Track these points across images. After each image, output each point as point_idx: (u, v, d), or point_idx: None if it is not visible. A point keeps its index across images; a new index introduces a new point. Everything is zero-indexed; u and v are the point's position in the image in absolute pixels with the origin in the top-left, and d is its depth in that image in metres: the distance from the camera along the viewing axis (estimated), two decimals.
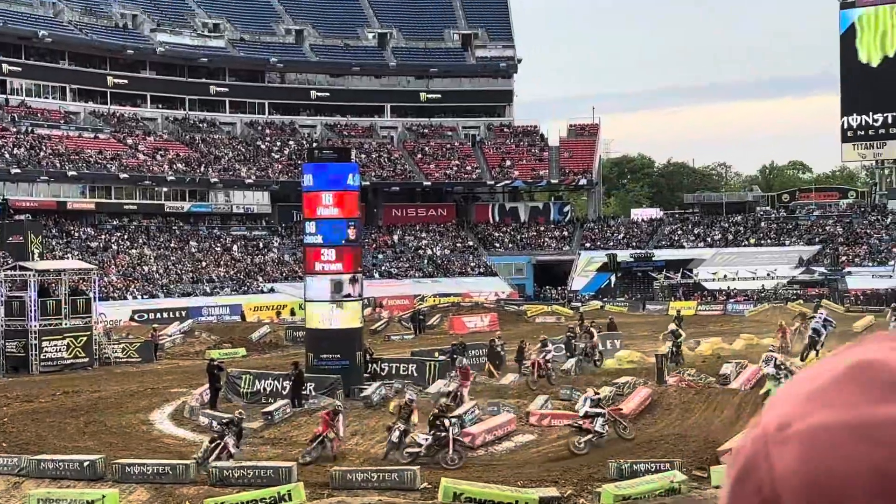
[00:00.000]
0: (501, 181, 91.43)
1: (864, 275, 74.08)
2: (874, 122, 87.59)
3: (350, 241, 32.52)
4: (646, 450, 22.94)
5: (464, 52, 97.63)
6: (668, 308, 65.93)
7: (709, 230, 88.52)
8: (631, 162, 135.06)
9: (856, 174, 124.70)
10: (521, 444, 25.02)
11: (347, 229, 32.27)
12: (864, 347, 1.09)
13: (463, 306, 66.22)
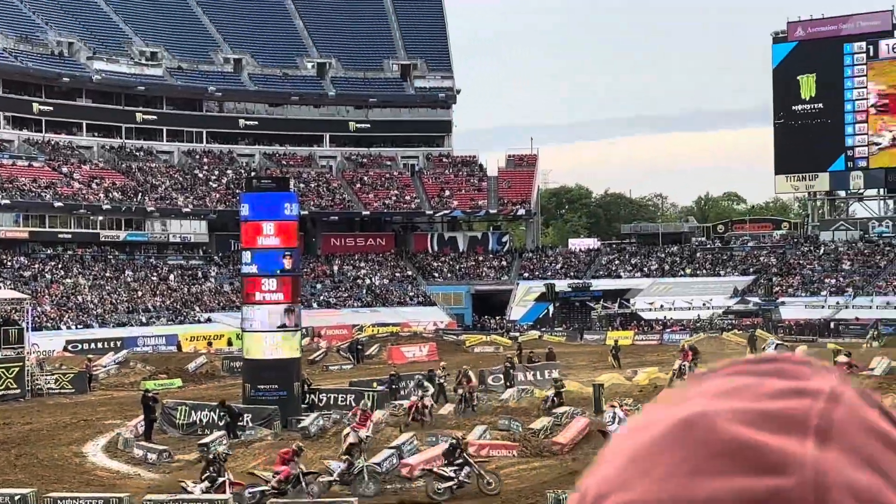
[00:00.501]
0: (440, 211, 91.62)
1: (798, 305, 75.15)
2: (806, 154, 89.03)
3: (286, 271, 32.38)
4: None
5: (403, 83, 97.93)
6: (605, 338, 66.36)
7: (645, 260, 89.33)
8: (569, 192, 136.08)
9: (789, 206, 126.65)
10: None
11: (283, 259, 32.15)
12: (695, 395, 0.97)
13: (402, 336, 66.08)
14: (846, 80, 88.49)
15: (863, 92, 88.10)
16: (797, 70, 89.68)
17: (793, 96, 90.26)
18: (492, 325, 78.27)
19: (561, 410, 29.92)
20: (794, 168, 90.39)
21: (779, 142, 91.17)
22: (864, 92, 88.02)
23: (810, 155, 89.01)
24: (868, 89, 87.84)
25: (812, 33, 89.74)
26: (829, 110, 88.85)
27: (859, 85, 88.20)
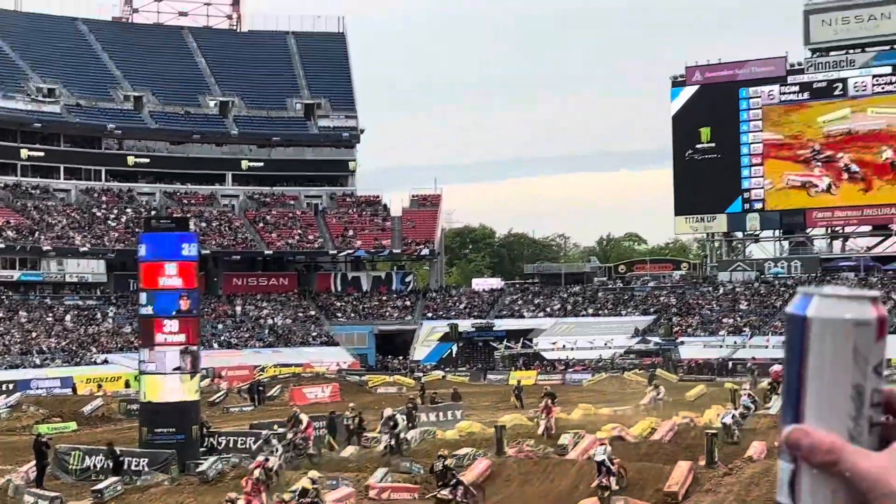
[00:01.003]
0: (344, 251, 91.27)
1: (697, 344, 76.28)
2: (705, 196, 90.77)
3: (183, 312, 31.84)
4: None
5: (307, 122, 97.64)
6: (508, 378, 66.48)
7: (548, 300, 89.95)
8: (472, 232, 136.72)
9: (688, 246, 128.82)
10: None
11: (181, 300, 31.64)
12: None
13: (304, 377, 65.41)
14: (742, 123, 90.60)
15: (758, 135, 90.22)
16: (695, 113, 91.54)
17: (691, 139, 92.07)
18: (395, 365, 77.96)
19: (462, 452, 29.78)
20: (692, 209, 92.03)
21: (678, 183, 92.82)
22: (760, 135, 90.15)
23: (708, 197, 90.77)
24: (763, 133, 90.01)
25: (709, 78, 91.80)
26: (726, 153, 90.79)
27: (755, 129, 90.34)
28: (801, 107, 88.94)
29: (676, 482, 24.19)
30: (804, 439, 1.26)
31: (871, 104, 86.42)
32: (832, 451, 1.23)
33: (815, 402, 1.28)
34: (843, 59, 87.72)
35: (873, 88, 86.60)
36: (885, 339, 1.29)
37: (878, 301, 1.31)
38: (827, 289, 1.32)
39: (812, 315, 1.29)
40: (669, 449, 29.99)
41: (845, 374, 1.28)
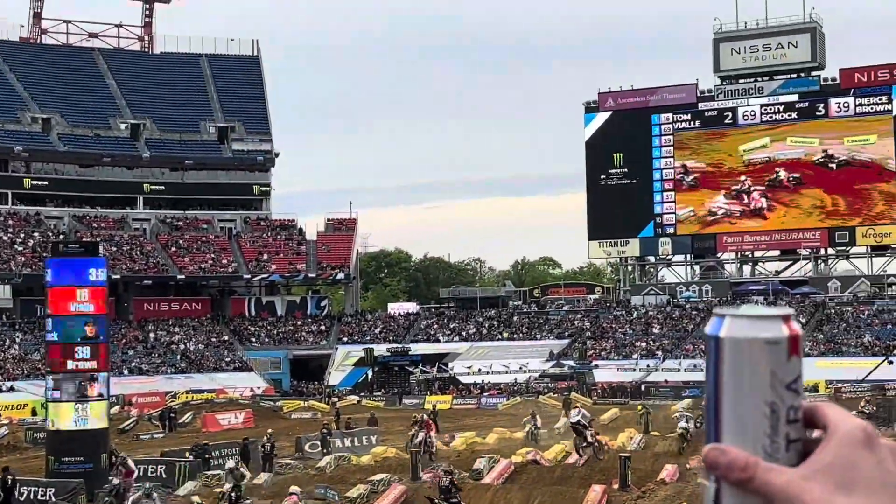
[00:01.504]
0: (258, 275, 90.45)
1: (611, 368, 76.90)
2: (618, 221, 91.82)
3: (89, 339, 31.21)
4: None
5: (220, 145, 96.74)
6: (424, 402, 66.30)
7: (464, 324, 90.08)
8: (388, 256, 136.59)
9: (602, 270, 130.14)
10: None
11: (87, 326, 31.02)
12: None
13: (217, 403, 64.59)
14: (654, 149, 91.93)
15: (670, 161, 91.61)
16: (608, 139, 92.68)
17: (605, 164, 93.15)
18: (310, 390, 77.32)
19: (377, 477, 29.55)
20: (606, 234, 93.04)
21: (592, 208, 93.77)
22: (672, 161, 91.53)
23: (621, 221, 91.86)
24: (675, 159, 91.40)
25: (622, 104, 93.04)
26: (639, 179, 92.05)
27: (666, 154, 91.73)
28: (717, 134, 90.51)
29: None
30: (721, 458, 1.28)
31: (790, 133, 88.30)
32: (746, 469, 1.25)
33: (732, 420, 1.29)
34: (752, 87, 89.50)
35: (780, 116, 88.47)
36: (800, 356, 1.30)
37: (791, 319, 1.32)
38: (741, 308, 1.32)
39: (725, 335, 1.30)
40: (583, 472, 30.08)
41: (759, 392, 1.29)
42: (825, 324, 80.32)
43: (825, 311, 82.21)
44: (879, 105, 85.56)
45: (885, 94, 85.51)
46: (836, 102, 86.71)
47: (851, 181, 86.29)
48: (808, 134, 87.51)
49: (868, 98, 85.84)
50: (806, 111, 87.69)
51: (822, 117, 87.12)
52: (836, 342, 76.49)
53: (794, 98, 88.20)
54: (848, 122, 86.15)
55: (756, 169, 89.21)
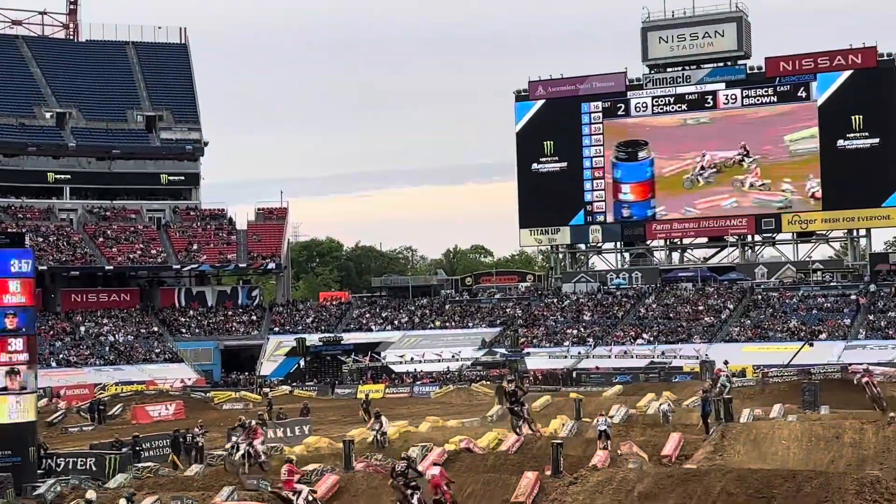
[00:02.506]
0: (188, 265, 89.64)
1: (542, 355, 77.43)
2: (549, 209, 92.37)
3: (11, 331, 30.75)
4: None
5: (148, 134, 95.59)
6: (356, 391, 66.29)
7: (396, 313, 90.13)
8: (319, 245, 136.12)
9: (533, 258, 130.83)
10: None
11: (5, 319, 30.60)
12: None
13: (147, 394, 63.98)
14: (584, 137, 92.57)
15: (600, 149, 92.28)
16: (539, 127, 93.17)
17: (535, 152, 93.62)
18: (241, 380, 76.88)
19: (310, 467, 29.45)
20: (537, 222, 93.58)
21: (523, 196, 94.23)
22: (602, 149, 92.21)
23: (552, 209, 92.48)
24: (605, 147, 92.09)
25: (552, 92, 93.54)
26: (569, 167, 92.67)
27: (596, 143, 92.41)
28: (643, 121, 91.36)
29: (523, 493, 24.42)
30: None
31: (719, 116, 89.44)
32: None
33: None
34: (680, 75, 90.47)
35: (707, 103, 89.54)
36: None
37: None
38: None
39: None
40: (516, 460, 30.26)
41: None
42: (752, 309, 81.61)
43: (752, 296, 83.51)
44: (803, 93, 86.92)
45: (808, 83, 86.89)
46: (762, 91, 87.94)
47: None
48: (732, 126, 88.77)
49: (791, 86, 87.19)
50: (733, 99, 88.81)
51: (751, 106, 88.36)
52: (762, 327, 77.74)
53: (720, 87, 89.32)
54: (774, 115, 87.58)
55: None
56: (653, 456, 30.39)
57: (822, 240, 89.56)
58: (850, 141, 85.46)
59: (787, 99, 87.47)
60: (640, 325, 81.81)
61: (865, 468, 25.78)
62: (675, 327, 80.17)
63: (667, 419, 39.13)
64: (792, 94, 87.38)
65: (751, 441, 29.32)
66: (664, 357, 73.47)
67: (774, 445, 28.84)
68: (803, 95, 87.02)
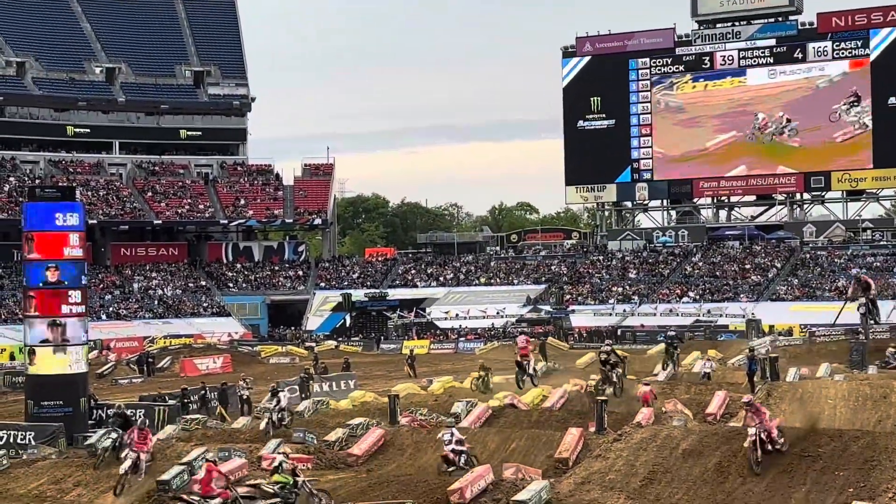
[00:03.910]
0: (235, 220, 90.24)
1: (587, 313, 77.41)
2: (595, 166, 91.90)
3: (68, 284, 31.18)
4: (379, 491, 22.92)
5: (196, 89, 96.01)
6: (401, 347, 66.69)
7: (441, 270, 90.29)
8: (365, 202, 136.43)
9: (579, 216, 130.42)
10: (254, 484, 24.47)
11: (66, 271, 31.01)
12: None
13: (195, 348, 64.78)
14: (631, 94, 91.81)
15: (647, 106, 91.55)
16: (586, 84, 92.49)
17: (582, 109, 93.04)
18: (288, 335, 77.56)
19: (356, 421, 29.75)
20: (583, 179, 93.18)
21: (569, 154, 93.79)
22: (649, 106, 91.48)
23: (598, 167, 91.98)
24: (652, 104, 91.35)
25: (599, 49, 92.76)
26: (616, 124, 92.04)
27: (644, 100, 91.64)
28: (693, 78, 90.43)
29: (567, 449, 24.52)
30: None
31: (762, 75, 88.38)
32: None
33: None
34: (730, 31, 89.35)
35: (759, 60, 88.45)
36: None
37: None
38: None
39: None
40: (560, 416, 30.36)
41: None
42: (800, 268, 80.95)
43: (800, 255, 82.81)
44: (856, 50, 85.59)
45: (861, 38, 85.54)
46: (814, 47, 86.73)
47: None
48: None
49: (845, 42, 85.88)
50: (783, 56, 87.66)
51: (800, 62, 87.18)
52: (810, 286, 77.12)
53: (771, 42, 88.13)
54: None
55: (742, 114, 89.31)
56: (697, 414, 30.39)
57: (872, 198, 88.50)
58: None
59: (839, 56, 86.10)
60: (686, 283, 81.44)
61: None
62: (720, 286, 79.72)
63: (707, 377, 39.07)
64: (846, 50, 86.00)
65: (797, 400, 29.22)
66: (710, 315, 73.20)
67: (821, 405, 28.71)
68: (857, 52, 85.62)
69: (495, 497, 21.23)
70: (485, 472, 21.96)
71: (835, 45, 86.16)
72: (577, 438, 25.01)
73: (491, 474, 22.07)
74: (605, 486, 21.66)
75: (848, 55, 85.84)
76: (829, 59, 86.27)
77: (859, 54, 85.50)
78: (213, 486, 21.37)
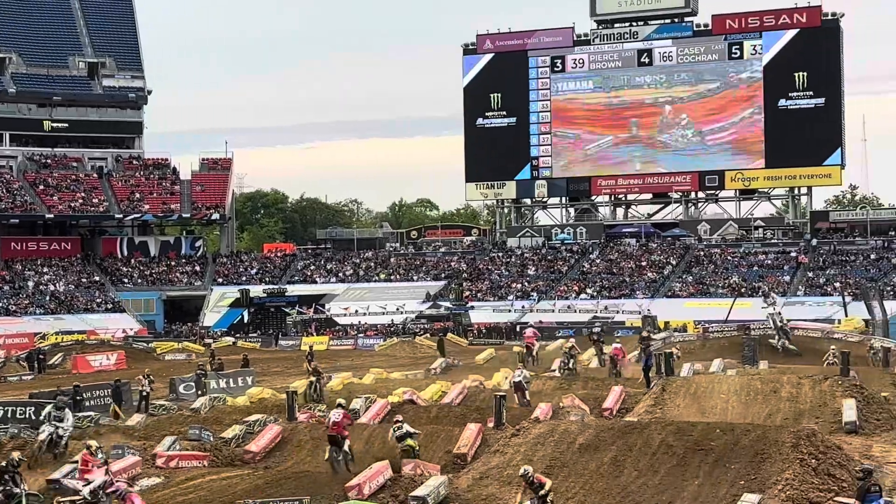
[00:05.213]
0: (130, 214, 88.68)
1: (486, 309, 77.76)
2: (495, 163, 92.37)
3: None
4: (276, 488, 22.70)
5: (90, 81, 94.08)
6: (300, 343, 66.21)
7: (341, 265, 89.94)
8: (264, 197, 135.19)
9: (479, 213, 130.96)
10: (147, 487, 24.06)
11: None
12: None
13: (88, 344, 63.43)
14: (531, 92, 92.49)
15: (547, 104, 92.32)
16: (486, 81, 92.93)
17: (483, 107, 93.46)
18: (184, 331, 76.48)
19: (253, 418, 29.43)
20: (483, 176, 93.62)
21: (469, 151, 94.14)
22: (548, 104, 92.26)
23: (498, 164, 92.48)
24: (551, 102, 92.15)
25: (500, 47, 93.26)
26: (516, 121, 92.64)
27: (543, 98, 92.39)
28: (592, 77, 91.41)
29: (465, 444, 24.58)
30: None
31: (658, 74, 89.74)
32: None
33: None
34: (627, 32, 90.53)
35: (656, 60, 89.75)
36: None
37: None
38: None
39: None
40: (459, 412, 30.42)
41: None
42: (694, 266, 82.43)
43: (694, 253, 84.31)
44: (750, 52, 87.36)
45: (755, 41, 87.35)
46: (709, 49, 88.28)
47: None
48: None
49: (739, 44, 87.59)
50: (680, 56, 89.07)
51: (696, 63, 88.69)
52: (704, 283, 78.58)
53: (668, 43, 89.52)
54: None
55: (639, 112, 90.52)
56: (594, 409, 30.69)
57: (764, 197, 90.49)
58: (794, 101, 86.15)
59: (732, 57, 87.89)
60: (584, 279, 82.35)
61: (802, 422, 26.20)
62: (618, 282, 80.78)
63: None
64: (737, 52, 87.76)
65: (690, 395, 29.67)
66: (607, 311, 74.08)
67: (714, 399, 29.19)
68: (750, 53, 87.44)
69: (394, 493, 21.17)
70: (383, 469, 21.88)
71: (729, 47, 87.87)
72: (476, 434, 25.08)
73: (389, 470, 22.01)
74: (503, 481, 21.74)
75: (741, 57, 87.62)
76: (724, 60, 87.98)
77: (752, 56, 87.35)
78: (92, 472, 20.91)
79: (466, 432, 25.13)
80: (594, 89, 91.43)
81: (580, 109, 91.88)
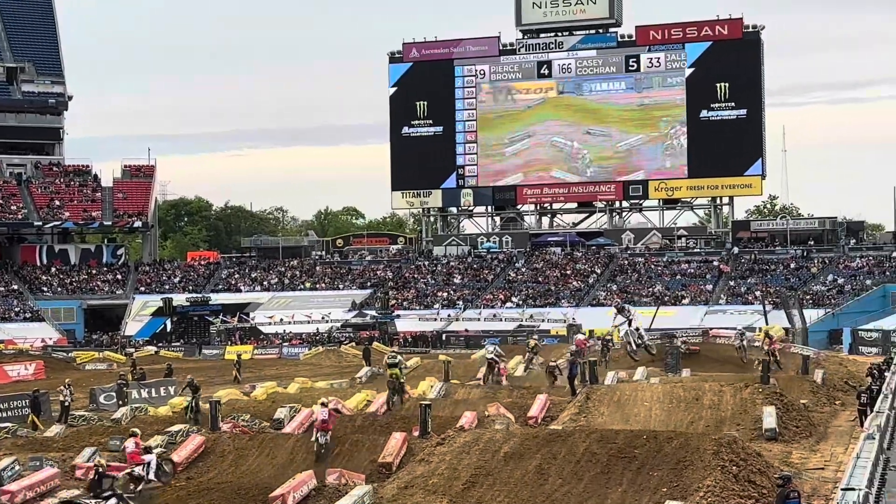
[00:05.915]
0: (50, 222, 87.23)
1: (412, 317, 77.72)
2: (421, 172, 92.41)
3: None
4: (198, 499, 22.40)
5: (9, 87, 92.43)
6: (224, 353, 65.59)
7: (266, 274, 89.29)
8: (188, 204, 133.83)
9: (405, 221, 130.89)
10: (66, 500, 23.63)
11: None
12: None
13: (5, 354, 62.24)
14: (457, 101, 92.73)
15: (473, 113, 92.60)
16: (412, 90, 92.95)
17: (408, 115, 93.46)
18: (105, 341, 75.34)
19: (175, 428, 29.04)
20: (409, 185, 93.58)
21: (395, 159, 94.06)
22: (474, 113, 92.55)
23: (424, 173, 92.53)
24: (477, 111, 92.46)
25: (426, 55, 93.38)
26: (442, 130, 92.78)
27: (469, 106, 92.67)
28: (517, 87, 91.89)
29: (391, 453, 24.50)
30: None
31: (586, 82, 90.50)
32: None
33: None
34: (553, 42, 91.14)
35: (579, 70, 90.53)
36: None
37: None
38: None
39: None
40: (384, 421, 30.32)
41: None
42: (618, 274, 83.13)
43: (619, 261, 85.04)
44: (673, 63, 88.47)
45: (677, 52, 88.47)
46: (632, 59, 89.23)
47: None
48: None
49: (662, 55, 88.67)
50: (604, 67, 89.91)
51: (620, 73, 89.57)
52: (628, 292, 79.27)
53: (592, 53, 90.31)
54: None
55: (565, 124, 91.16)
56: (519, 417, 30.79)
57: (687, 207, 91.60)
58: (716, 112, 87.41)
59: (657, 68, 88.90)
60: (510, 288, 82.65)
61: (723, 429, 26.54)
62: (543, 291, 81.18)
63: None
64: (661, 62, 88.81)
65: (615, 403, 29.91)
66: (532, 320, 74.41)
67: (637, 407, 29.46)
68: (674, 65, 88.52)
69: (318, 503, 21.01)
70: (307, 479, 21.72)
71: (652, 58, 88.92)
72: (401, 442, 25.01)
73: (314, 479, 21.85)
74: (428, 490, 21.69)
75: (664, 68, 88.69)
76: (648, 71, 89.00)
77: (675, 67, 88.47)
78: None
79: (392, 441, 25.05)
80: (519, 98, 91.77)
81: (506, 118, 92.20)
